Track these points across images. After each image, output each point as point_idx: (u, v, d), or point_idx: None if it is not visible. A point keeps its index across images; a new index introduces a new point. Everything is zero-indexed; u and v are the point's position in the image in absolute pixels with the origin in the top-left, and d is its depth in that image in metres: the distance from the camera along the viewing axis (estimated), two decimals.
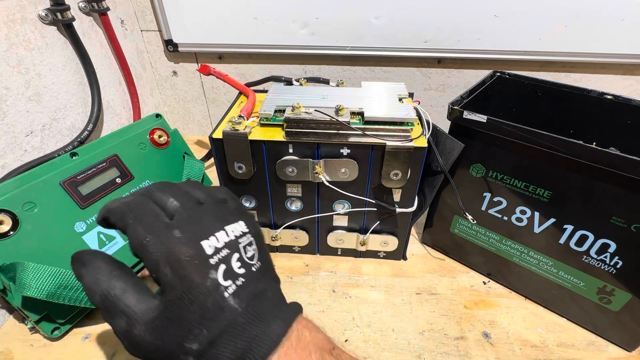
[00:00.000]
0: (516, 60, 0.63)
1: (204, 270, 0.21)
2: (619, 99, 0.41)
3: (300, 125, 0.38)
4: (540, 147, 0.34)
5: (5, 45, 0.43)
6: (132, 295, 0.22)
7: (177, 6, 0.64)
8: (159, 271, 0.21)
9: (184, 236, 0.22)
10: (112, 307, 0.22)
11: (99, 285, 0.22)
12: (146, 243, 0.22)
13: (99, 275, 0.23)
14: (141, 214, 0.23)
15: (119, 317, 0.22)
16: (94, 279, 0.23)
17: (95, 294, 0.22)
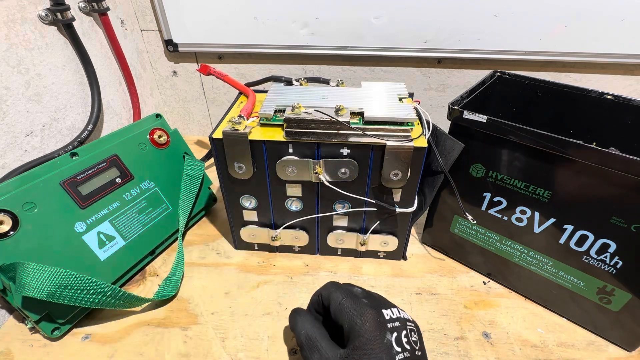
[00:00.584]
0: (516, 60, 0.63)
1: (383, 329, 0.28)
2: (619, 99, 0.41)
3: (300, 125, 0.38)
4: (540, 147, 0.34)
5: (5, 45, 0.43)
6: (326, 342, 0.31)
7: (177, 6, 0.64)
8: (352, 321, 0.29)
9: (369, 303, 0.31)
10: (312, 345, 0.30)
11: (306, 329, 0.32)
12: (343, 302, 0.31)
13: (307, 323, 0.33)
14: (339, 287, 0.34)
15: (315, 353, 0.30)
16: (303, 324, 0.33)
17: (302, 334, 0.32)
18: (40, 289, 0.34)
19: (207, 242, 0.53)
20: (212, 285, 0.46)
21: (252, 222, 0.48)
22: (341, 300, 0.31)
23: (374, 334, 0.28)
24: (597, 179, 0.33)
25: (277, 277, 0.47)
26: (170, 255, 0.51)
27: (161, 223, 0.49)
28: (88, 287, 0.37)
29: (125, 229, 0.45)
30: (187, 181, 0.52)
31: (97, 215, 0.42)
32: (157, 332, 0.40)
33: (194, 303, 0.44)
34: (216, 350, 0.39)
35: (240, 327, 0.41)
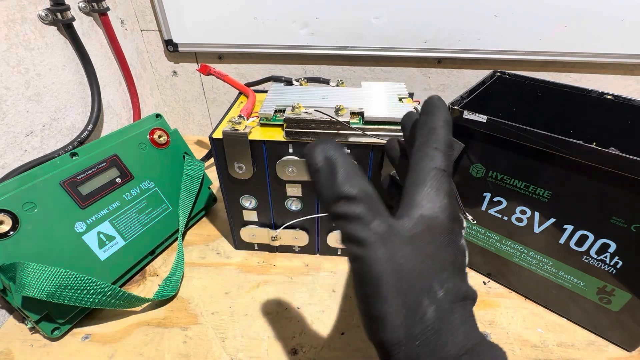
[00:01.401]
0: (516, 60, 0.63)
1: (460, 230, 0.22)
2: (619, 99, 0.41)
3: (300, 125, 0.38)
4: (540, 147, 0.34)
5: (5, 45, 0.43)
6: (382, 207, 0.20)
7: (177, 6, 0.64)
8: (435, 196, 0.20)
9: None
10: (374, 204, 0.20)
11: (358, 179, 0.20)
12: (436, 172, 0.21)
13: (356, 174, 0.20)
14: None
15: (380, 218, 0.19)
16: (351, 170, 0.20)
17: (355, 185, 0.20)
18: (40, 289, 0.34)
19: (207, 242, 0.53)
20: (212, 285, 0.46)
21: (252, 222, 0.48)
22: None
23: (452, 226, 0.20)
24: (597, 179, 0.33)
25: (277, 277, 0.47)
26: (170, 255, 0.51)
27: (161, 223, 0.49)
28: (88, 287, 0.37)
29: (125, 229, 0.45)
30: (187, 181, 0.52)
31: (97, 215, 0.42)
32: (157, 332, 0.40)
33: (194, 303, 0.44)
34: (216, 350, 0.39)
35: (240, 327, 0.41)
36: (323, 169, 0.20)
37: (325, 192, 0.20)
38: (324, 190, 0.20)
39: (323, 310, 0.43)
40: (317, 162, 0.20)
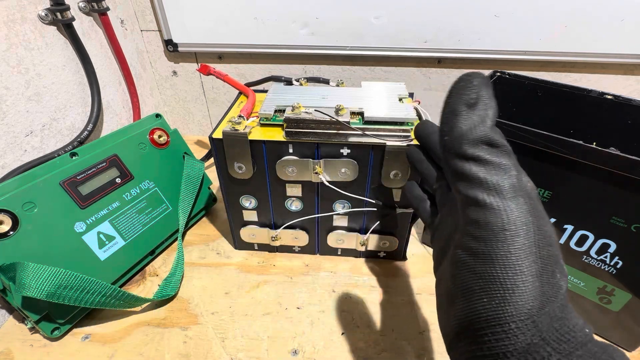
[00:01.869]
0: (516, 60, 0.63)
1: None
2: (619, 99, 0.41)
3: (300, 125, 0.38)
4: (540, 147, 0.34)
5: (5, 45, 0.43)
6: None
7: (177, 6, 0.64)
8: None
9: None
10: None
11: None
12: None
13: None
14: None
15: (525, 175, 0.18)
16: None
17: (503, 136, 0.18)
18: (40, 289, 0.34)
19: (207, 242, 0.53)
20: (212, 285, 0.46)
21: (252, 222, 0.48)
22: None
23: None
24: (597, 179, 0.33)
25: (277, 277, 0.47)
26: (170, 255, 0.51)
27: (161, 223, 0.49)
28: (88, 287, 0.37)
29: (125, 229, 0.45)
30: (187, 181, 0.52)
31: (97, 215, 0.42)
32: (157, 332, 0.40)
33: (194, 303, 0.44)
34: (216, 350, 0.39)
35: (240, 327, 0.41)
36: (478, 104, 0.18)
37: (467, 130, 0.18)
38: (466, 126, 0.18)
39: (323, 310, 0.43)
40: (474, 96, 0.18)
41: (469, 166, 0.18)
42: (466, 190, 0.18)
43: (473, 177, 0.17)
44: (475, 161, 0.17)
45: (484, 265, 0.17)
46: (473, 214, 0.17)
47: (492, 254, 0.17)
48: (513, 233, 0.17)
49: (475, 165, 0.17)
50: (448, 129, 0.19)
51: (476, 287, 0.17)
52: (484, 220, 0.17)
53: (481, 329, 0.16)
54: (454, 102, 0.19)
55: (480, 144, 0.18)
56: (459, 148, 0.18)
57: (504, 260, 0.16)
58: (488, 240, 0.17)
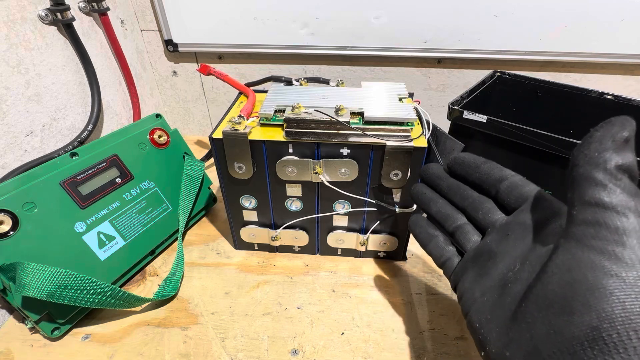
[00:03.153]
0: (516, 60, 0.63)
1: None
2: (619, 99, 0.41)
3: (300, 125, 0.38)
4: (540, 147, 0.34)
5: (5, 45, 0.43)
6: None
7: (177, 6, 0.64)
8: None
9: None
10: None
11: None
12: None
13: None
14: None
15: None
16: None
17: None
18: (40, 289, 0.34)
19: (207, 242, 0.53)
20: (212, 285, 0.46)
21: (252, 222, 0.48)
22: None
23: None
24: None
25: (277, 277, 0.47)
26: (170, 255, 0.51)
27: (161, 223, 0.49)
28: (88, 287, 0.37)
29: (125, 229, 0.45)
30: (187, 181, 0.52)
31: (97, 215, 0.42)
32: (157, 332, 0.40)
33: (194, 303, 0.44)
34: (216, 350, 0.39)
35: (240, 327, 0.41)
36: (630, 144, 0.19)
37: (623, 156, 0.19)
38: (610, 153, 0.19)
39: (323, 311, 0.43)
40: (624, 134, 0.19)
41: (613, 181, 0.19)
42: (609, 198, 0.18)
43: (615, 191, 0.18)
44: (617, 181, 0.19)
45: (629, 269, 0.17)
46: (615, 222, 0.18)
47: (638, 258, 0.17)
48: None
49: (617, 183, 0.19)
50: (601, 148, 0.19)
51: (612, 288, 0.17)
52: (629, 228, 0.18)
53: (623, 331, 0.16)
54: (615, 130, 0.19)
55: (625, 171, 0.19)
56: (607, 164, 0.19)
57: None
58: (634, 246, 0.17)
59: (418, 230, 0.32)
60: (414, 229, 0.32)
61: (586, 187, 0.19)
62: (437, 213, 0.31)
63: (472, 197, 0.29)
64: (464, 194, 0.30)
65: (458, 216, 0.29)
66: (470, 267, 0.27)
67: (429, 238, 0.31)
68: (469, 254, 0.28)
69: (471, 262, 0.27)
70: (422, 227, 0.32)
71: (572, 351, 0.17)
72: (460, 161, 0.30)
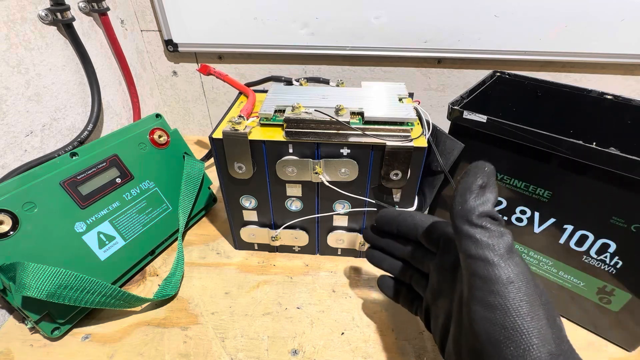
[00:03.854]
0: (516, 60, 0.63)
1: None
2: (619, 99, 0.41)
3: (300, 125, 0.38)
4: (540, 147, 0.34)
5: (5, 45, 0.43)
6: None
7: (177, 6, 0.64)
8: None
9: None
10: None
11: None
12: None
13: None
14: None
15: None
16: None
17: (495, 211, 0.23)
18: (40, 289, 0.34)
19: (207, 242, 0.53)
20: (212, 285, 0.46)
21: (252, 222, 0.48)
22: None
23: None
24: (597, 179, 0.33)
25: (277, 277, 0.47)
26: (170, 255, 0.51)
27: (161, 223, 0.49)
28: (88, 287, 0.37)
29: (125, 229, 0.45)
30: (187, 181, 0.52)
31: (97, 215, 0.42)
32: (157, 332, 0.40)
33: (194, 303, 0.44)
34: (216, 350, 0.39)
35: (240, 327, 0.41)
36: (487, 188, 0.22)
37: (478, 204, 0.22)
38: (477, 202, 0.22)
39: (323, 310, 0.43)
40: (485, 181, 0.22)
41: (477, 231, 0.21)
42: (476, 250, 0.21)
43: (481, 240, 0.21)
44: (482, 229, 0.21)
45: (503, 316, 0.19)
46: (483, 271, 0.21)
47: (507, 305, 0.19)
48: (519, 284, 0.20)
49: (481, 232, 0.21)
50: (462, 201, 0.22)
51: (501, 337, 0.19)
52: (494, 276, 0.20)
53: None
54: (470, 181, 0.22)
55: (486, 216, 0.21)
56: (470, 216, 0.21)
57: (520, 309, 0.19)
58: (501, 294, 0.20)
59: (386, 292, 0.37)
60: (383, 291, 0.37)
61: (461, 241, 0.22)
62: (390, 271, 0.35)
63: (403, 250, 0.33)
64: (396, 249, 0.34)
65: (407, 268, 0.34)
66: (431, 310, 0.30)
67: (397, 295, 0.36)
68: (425, 300, 0.31)
69: (431, 305, 0.30)
70: (388, 288, 0.36)
71: None
72: (381, 219, 0.34)
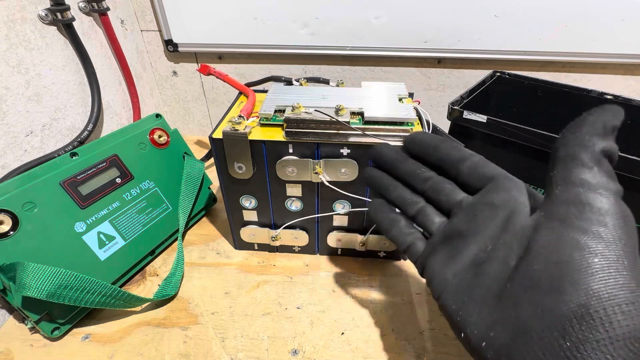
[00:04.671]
0: (516, 60, 0.63)
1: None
2: (619, 99, 0.41)
3: (300, 125, 0.38)
4: (540, 147, 0.34)
5: (5, 45, 0.43)
6: None
7: (177, 6, 0.64)
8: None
9: None
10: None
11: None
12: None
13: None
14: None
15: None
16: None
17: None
18: (40, 289, 0.34)
19: (207, 242, 0.53)
20: (212, 285, 0.46)
21: (252, 222, 0.48)
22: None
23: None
24: None
25: (277, 277, 0.47)
26: (170, 255, 0.51)
27: (161, 223, 0.49)
28: (88, 287, 0.37)
29: (125, 229, 0.45)
30: (187, 181, 0.52)
31: (97, 215, 0.42)
32: (157, 332, 0.40)
33: (194, 303, 0.44)
34: (216, 350, 0.39)
35: (240, 327, 0.41)
36: (612, 132, 0.21)
37: (606, 142, 0.21)
38: (606, 140, 0.21)
39: (323, 310, 0.43)
40: (614, 122, 0.21)
41: (598, 165, 0.20)
42: (596, 180, 0.20)
43: (601, 174, 0.20)
44: (600, 166, 0.20)
45: (610, 247, 0.18)
46: (598, 203, 0.19)
47: (617, 237, 0.18)
48: (630, 220, 0.19)
49: (600, 168, 0.20)
50: (592, 130, 0.21)
51: (597, 267, 0.18)
52: (610, 209, 0.19)
53: (609, 307, 0.17)
54: (608, 117, 0.21)
55: (602, 157, 0.20)
56: (595, 147, 0.20)
57: (626, 243, 0.18)
58: (614, 226, 0.19)
59: (380, 217, 0.30)
60: (374, 216, 0.30)
61: (572, 167, 0.20)
62: (397, 198, 0.29)
63: (433, 179, 0.27)
64: (423, 176, 0.28)
65: (419, 199, 0.28)
66: (438, 249, 0.26)
67: (392, 224, 0.29)
68: (436, 235, 0.26)
69: (439, 244, 0.26)
70: (383, 213, 0.30)
71: (560, 328, 0.17)
72: (419, 141, 0.28)
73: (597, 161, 0.20)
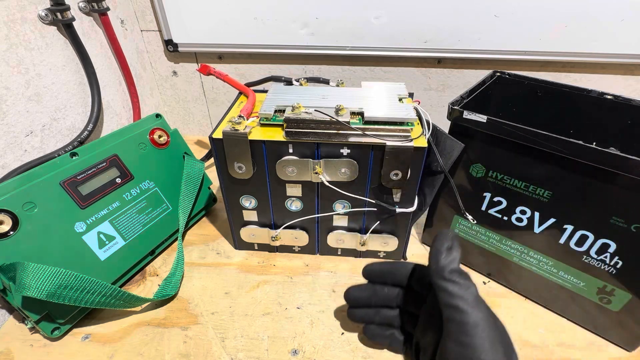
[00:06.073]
0: (516, 60, 0.63)
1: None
2: (619, 99, 0.41)
3: (300, 125, 0.38)
4: (540, 147, 0.34)
5: (5, 45, 0.43)
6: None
7: (177, 6, 0.64)
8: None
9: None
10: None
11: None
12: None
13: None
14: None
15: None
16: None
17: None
18: (40, 289, 0.34)
19: (207, 242, 0.53)
20: (212, 285, 0.46)
21: (252, 222, 0.48)
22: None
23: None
24: (597, 179, 0.33)
25: (277, 277, 0.47)
26: (170, 255, 0.51)
27: (161, 223, 0.49)
28: (88, 287, 0.37)
29: (125, 229, 0.45)
30: (187, 181, 0.52)
31: (97, 215, 0.42)
32: (157, 332, 0.40)
33: (194, 303, 0.44)
34: (216, 350, 0.39)
35: (240, 327, 0.41)
36: (452, 249, 0.29)
37: (447, 263, 0.28)
38: (446, 261, 0.28)
39: (323, 310, 0.43)
40: (450, 244, 0.29)
41: (450, 285, 0.27)
42: (450, 300, 0.27)
43: (453, 292, 0.27)
44: (453, 283, 0.27)
45: (472, 351, 0.25)
46: (456, 317, 0.26)
47: (474, 343, 0.26)
48: (483, 327, 0.26)
49: (452, 285, 0.27)
50: (435, 261, 0.28)
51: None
52: (465, 320, 0.26)
53: None
54: (438, 245, 0.29)
55: (455, 272, 0.28)
56: (443, 273, 0.27)
57: (484, 347, 0.25)
58: (470, 334, 0.26)
59: (377, 340, 0.37)
60: (373, 340, 0.38)
61: (438, 292, 0.28)
62: (382, 321, 0.37)
63: (390, 297, 0.36)
64: (387, 298, 0.36)
65: (395, 312, 0.36)
66: (421, 342, 0.33)
67: (390, 338, 0.36)
68: (416, 335, 0.34)
69: (421, 338, 0.33)
70: (382, 336, 0.37)
71: None
72: (372, 272, 0.37)
73: (448, 283, 0.27)
